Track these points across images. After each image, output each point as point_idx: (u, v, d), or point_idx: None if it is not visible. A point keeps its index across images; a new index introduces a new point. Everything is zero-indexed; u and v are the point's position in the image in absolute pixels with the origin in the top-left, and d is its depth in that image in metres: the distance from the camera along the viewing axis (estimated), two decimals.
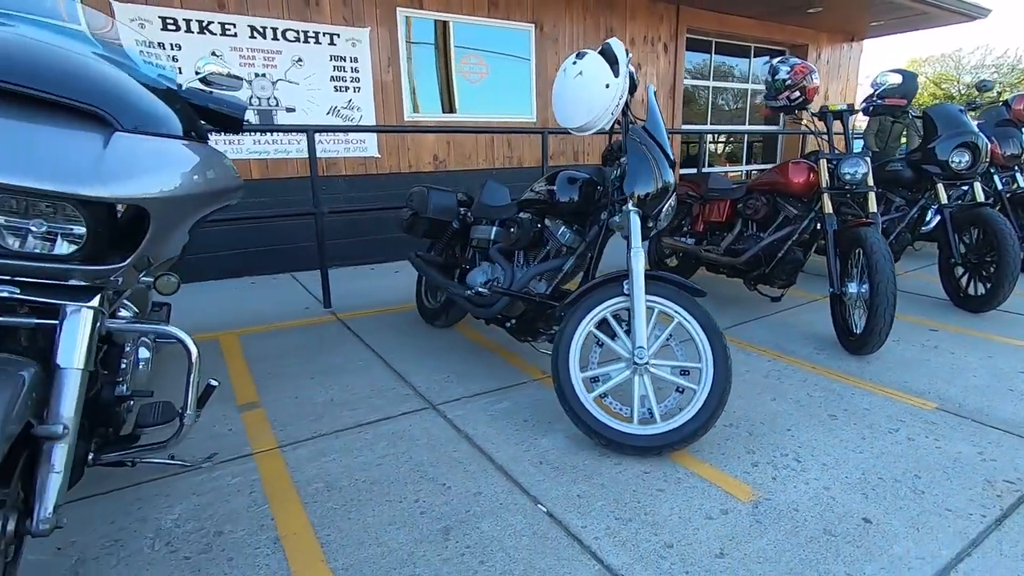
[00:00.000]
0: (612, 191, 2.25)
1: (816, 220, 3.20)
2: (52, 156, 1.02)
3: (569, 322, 2.10)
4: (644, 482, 1.80)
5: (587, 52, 2.09)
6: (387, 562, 1.45)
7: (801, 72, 3.13)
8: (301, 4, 4.57)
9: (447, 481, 1.80)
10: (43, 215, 1.08)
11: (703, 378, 1.98)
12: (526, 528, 1.58)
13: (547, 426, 2.16)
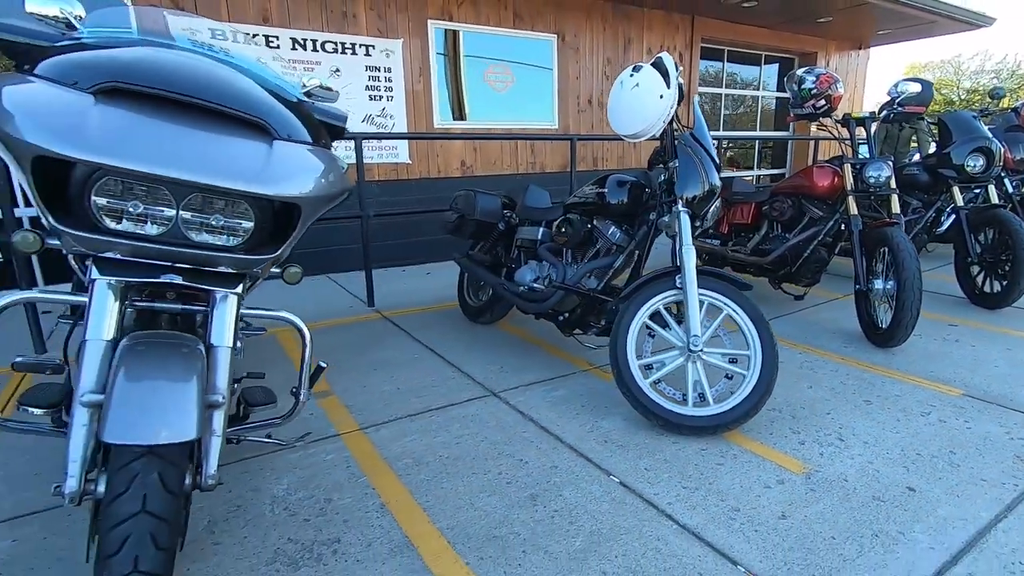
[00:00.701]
0: (660, 193, 2.43)
1: (840, 221, 3.38)
2: (236, 160, 1.21)
3: (625, 314, 2.28)
4: (703, 458, 1.97)
5: (642, 66, 2.28)
6: (486, 523, 1.62)
7: (826, 82, 3.32)
8: (339, 17, 4.77)
9: (523, 457, 1.98)
10: (220, 211, 1.26)
11: (752, 364, 2.15)
12: (604, 495, 1.75)
13: (605, 410, 2.34)
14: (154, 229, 1.20)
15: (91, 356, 1.25)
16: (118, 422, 1.00)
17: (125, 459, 1.03)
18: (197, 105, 1.22)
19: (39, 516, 1.66)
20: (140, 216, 1.19)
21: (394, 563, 1.46)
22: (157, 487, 1.04)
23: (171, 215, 1.20)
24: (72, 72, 1.17)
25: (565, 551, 1.50)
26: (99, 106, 1.12)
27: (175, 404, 1.07)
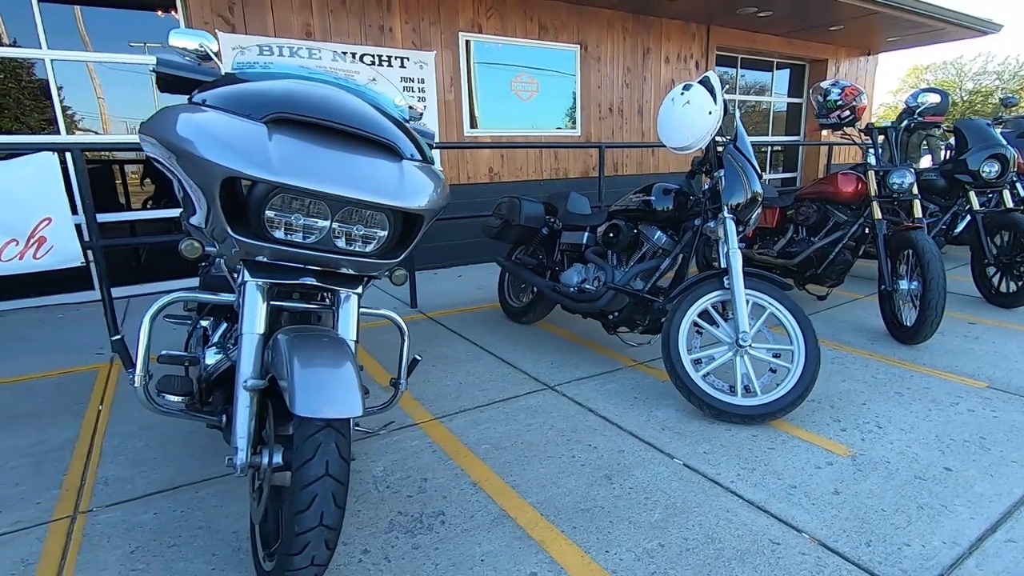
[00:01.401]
0: (705, 201, 2.62)
1: (865, 225, 3.57)
2: (381, 179, 1.40)
3: (676, 312, 2.48)
4: (756, 443, 2.16)
5: (692, 84, 2.48)
6: (572, 498, 1.81)
7: (851, 94, 3.52)
8: (376, 31, 4.99)
9: (591, 443, 2.17)
10: (361, 222, 1.45)
11: (796, 358, 2.35)
12: (671, 475, 1.94)
13: (656, 402, 2.53)
14: (309, 237, 1.40)
15: (247, 347, 1.45)
16: (304, 400, 1.20)
17: (310, 431, 1.22)
18: (339, 130, 1.41)
19: (169, 493, 1.86)
20: (300, 227, 1.38)
21: (497, 531, 1.66)
22: (336, 454, 1.23)
23: (324, 226, 1.40)
24: (243, 104, 1.37)
25: (647, 521, 1.69)
26: (272, 134, 1.32)
27: (344, 385, 1.26)
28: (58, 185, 2.91)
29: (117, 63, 4.34)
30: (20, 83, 4.09)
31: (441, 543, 1.61)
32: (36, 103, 4.16)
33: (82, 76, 4.28)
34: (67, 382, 2.81)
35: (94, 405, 2.55)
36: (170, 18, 4.46)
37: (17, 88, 4.10)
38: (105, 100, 4.37)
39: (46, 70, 4.05)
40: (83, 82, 4.28)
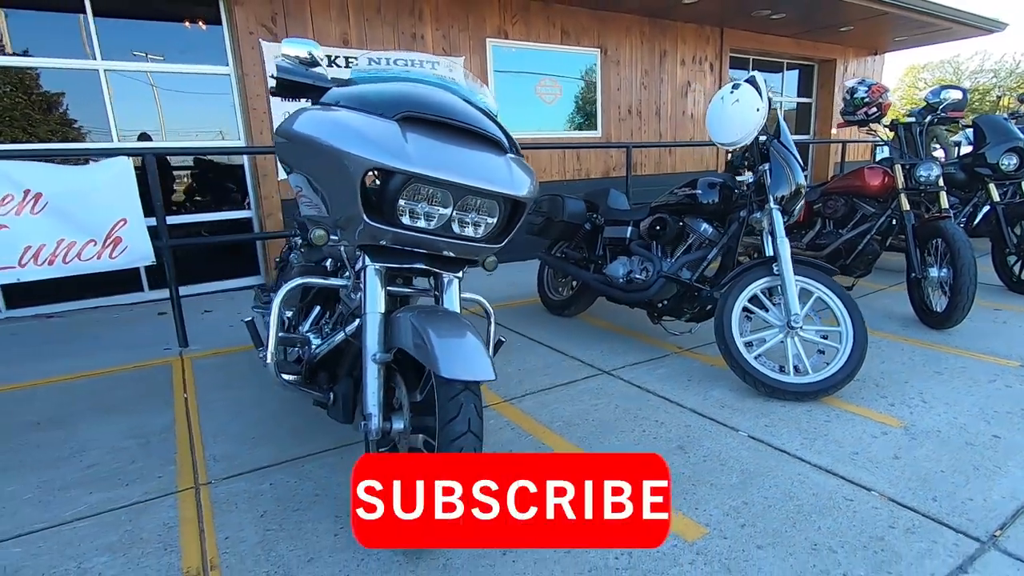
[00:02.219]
0: (750, 193, 2.78)
1: (892, 217, 3.73)
2: (496, 170, 1.56)
3: (728, 298, 2.63)
4: (812, 416, 2.30)
5: (740, 84, 2.64)
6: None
7: (877, 92, 3.68)
8: (409, 38, 5.16)
9: (658, 419, 2.32)
10: (476, 210, 1.60)
11: (844, 339, 2.50)
12: (739, 445, 2.09)
13: (709, 383, 2.67)
14: (431, 223, 1.55)
15: (372, 325, 1.60)
16: (447, 365, 1.34)
17: (453, 392, 1.37)
18: (456, 127, 1.57)
19: (278, 467, 2.00)
20: (423, 214, 1.53)
21: None
22: (474, 413, 1.38)
23: (445, 213, 1.55)
24: (375, 104, 1.53)
25: (726, 483, 1.84)
26: (405, 131, 1.47)
27: (477, 353, 1.41)
28: (133, 188, 3.07)
29: (168, 72, 4.51)
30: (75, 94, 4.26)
31: None
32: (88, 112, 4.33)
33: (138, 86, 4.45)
34: (145, 375, 2.96)
35: (178, 394, 2.69)
36: (194, 28, 4.64)
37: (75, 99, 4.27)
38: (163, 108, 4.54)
39: (100, 80, 4.22)
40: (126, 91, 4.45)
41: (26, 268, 2.89)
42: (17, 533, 1.67)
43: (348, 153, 1.44)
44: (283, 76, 1.74)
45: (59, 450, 2.16)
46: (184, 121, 4.70)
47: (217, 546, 1.59)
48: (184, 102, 4.68)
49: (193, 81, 4.65)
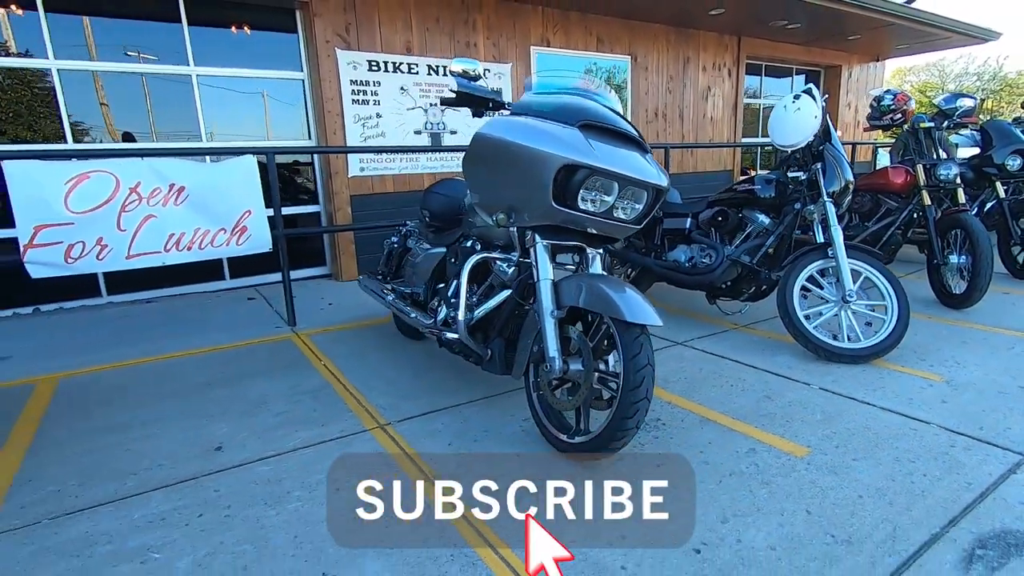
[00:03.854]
0: (804, 188, 3.22)
1: (914, 210, 4.20)
2: (650, 167, 1.98)
3: (789, 278, 3.07)
4: (867, 374, 2.75)
5: (800, 95, 3.08)
6: (748, 409, 2.39)
7: (902, 100, 4.16)
8: (463, 46, 5.57)
9: (740, 377, 2.76)
10: (630, 198, 2.02)
11: (890, 311, 2.95)
12: (814, 395, 2.53)
13: (772, 352, 3.12)
14: (598, 208, 1.97)
15: (546, 289, 2.01)
16: (630, 312, 1.77)
17: (635, 335, 1.79)
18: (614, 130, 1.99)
19: (439, 412, 2.42)
20: (594, 200, 1.95)
21: (707, 428, 2.24)
22: (650, 351, 1.81)
23: (609, 200, 1.97)
24: (559, 113, 1.95)
25: (813, 420, 2.28)
26: (585, 135, 1.89)
27: (647, 305, 1.83)
28: (257, 184, 3.46)
29: (247, 77, 4.88)
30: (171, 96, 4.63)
31: (671, 435, 2.19)
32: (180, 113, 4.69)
33: (218, 90, 4.81)
34: (271, 348, 3.35)
35: (315, 362, 3.09)
36: (273, 36, 5.01)
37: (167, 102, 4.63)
38: (240, 110, 4.92)
39: (192, 84, 4.59)
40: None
41: (169, 253, 3.27)
42: (259, 457, 2.07)
43: (548, 152, 1.86)
44: (462, 89, 2.16)
45: (243, 403, 2.56)
46: (258, 122, 5.07)
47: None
48: (258, 104, 5.05)
49: (267, 85, 5.02)
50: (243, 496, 1.83)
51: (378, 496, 1.62)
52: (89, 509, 1.77)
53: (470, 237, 2.62)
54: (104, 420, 2.41)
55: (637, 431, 1.85)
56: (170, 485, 1.90)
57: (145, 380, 2.87)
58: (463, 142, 5.66)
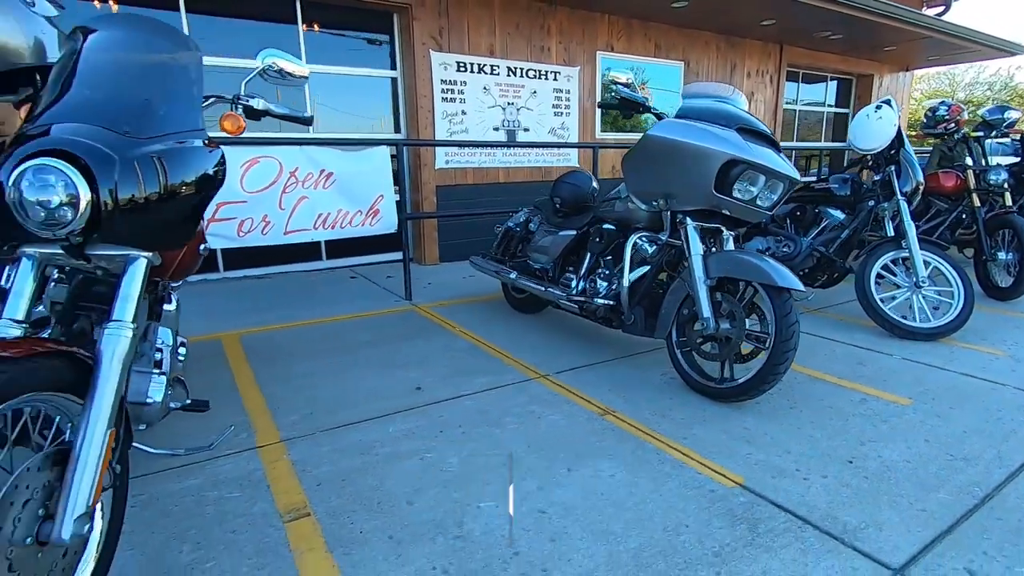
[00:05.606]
0: (878, 188, 3.66)
1: (963, 212, 4.63)
2: (784, 162, 2.41)
3: (866, 266, 3.51)
4: (938, 351, 3.19)
5: (882, 104, 3.51)
6: (846, 374, 2.83)
7: (956, 111, 4.59)
8: (538, 50, 6.00)
9: (830, 349, 3.19)
10: (769, 188, 2.45)
11: (956, 296, 3.38)
12: (900, 364, 2.97)
13: (848, 331, 3.55)
14: (745, 196, 2.40)
15: (698, 263, 2.45)
16: (781, 279, 2.20)
17: (785, 297, 2.23)
18: (758, 131, 2.42)
19: (584, 368, 2.85)
20: (744, 189, 2.39)
21: (816, 385, 2.67)
22: (796, 309, 2.24)
23: (754, 189, 2.40)
24: (717, 118, 2.38)
25: (904, 381, 2.72)
26: (741, 136, 2.32)
27: (791, 274, 2.26)
28: (389, 171, 3.90)
29: (347, 75, 5.31)
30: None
31: (791, 388, 2.62)
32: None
33: (319, 87, 5.25)
34: (401, 317, 3.79)
35: (448, 327, 3.53)
36: (371, 38, 5.45)
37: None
38: (338, 105, 5.35)
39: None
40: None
41: (318, 231, 3.71)
42: (455, 395, 2.51)
43: (715, 149, 2.29)
44: (624, 96, 2.60)
45: (413, 356, 3.00)
46: (355, 116, 5.51)
47: (602, 401, 2.44)
48: (354, 99, 5.49)
49: (362, 82, 5.45)
50: (466, 420, 2.27)
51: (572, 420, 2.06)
52: (346, 426, 2.22)
53: (605, 220, 3.06)
54: (300, 367, 2.86)
55: (783, 376, 2.29)
56: (399, 412, 2.34)
57: (312, 338, 3.32)
58: (535, 139, 6.11)
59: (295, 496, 1.75)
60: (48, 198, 1.11)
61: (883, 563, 1.46)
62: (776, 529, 1.60)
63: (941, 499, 1.75)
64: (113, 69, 1.33)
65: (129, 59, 1.36)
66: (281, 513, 1.66)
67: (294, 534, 1.57)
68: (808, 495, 1.77)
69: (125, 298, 1.24)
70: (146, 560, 1.46)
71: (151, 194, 1.24)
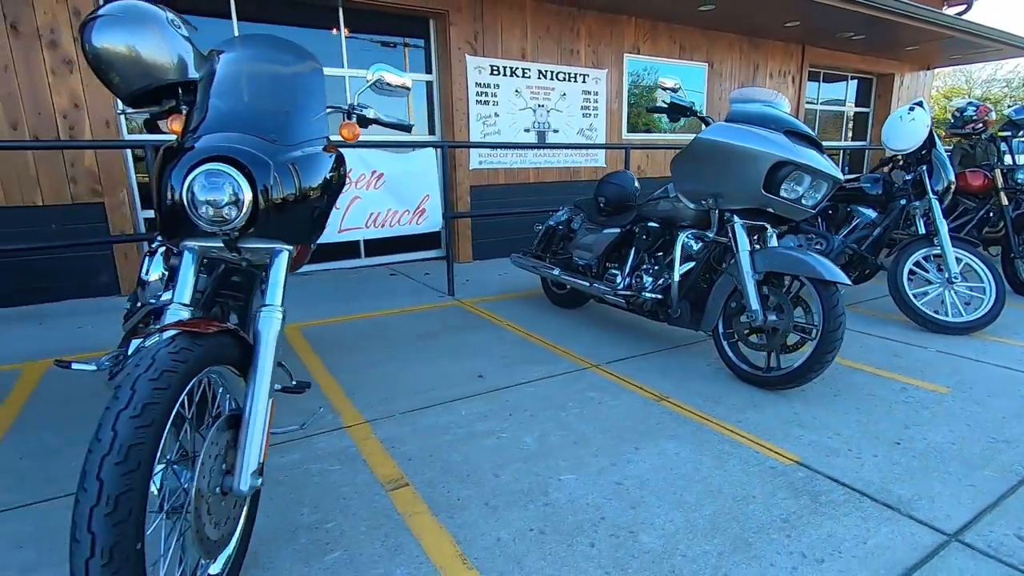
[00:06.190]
0: (910, 187, 3.77)
1: (990, 210, 4.72)
2: (827, 162, 2.55)
3: (898, 263, 3.63)
4: (971, 344, 3.30)
5: (915, 107, 3.63)
6: (883, 363, 2.96)
7: (984, 111, 4.68)
8: (568, 53, 6.15)
9: (866, 342, 3.32)
10: (813, 188, 2.58)
11: (987, 292, 3.49)
12: (935, 356, 3.09)
13: (881, 326, 3.67)
14: (791, 195, 2.54)
15: (745, 258, 2.59)
16: (827, 273, 2.34)
17: (832, 290, 2.37)
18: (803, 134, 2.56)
19: (639, 358, 3.01)
20: (790, 189, 2.53)
21: (856, 374, 2.80)
22: (843, 301, 2.38)
23: (799, 189, 2.54)
24: (765, 122, 2.52)
25: (941, 371, 2.84)
26: (790, 139, 2.46)
27: (837, 268, 2.40)
28: (435, 172, 4.07)
29: None
30: None
31: (833, 378, 2.76)
32: None
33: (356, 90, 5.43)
34: (447, 312, 3.96)
35: (495, 321, 3.70)
36: (409, 43, 5.63)
37: None
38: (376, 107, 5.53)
39: (345, 86, 5.22)
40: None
41: (368, 229, 3.89)
42: (516, 383, 2.67)
43: (765, 152, 2.44)
44: (674, 101, 2.75)
45: (464, 348, 3.17)
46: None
47: (656, 388, 2.59)
48: (390, 102, 5.66)
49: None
50: (532, 405, 2.43)
51: (630, 405, 2.21)
52: (421, 409, 2.39)
53: (650, 219, 3.21)
54: (364, 357, 3.04)
55: (830, 365, 2.43)
56: (467, 397, 2.51)
57: (368, 331, 3.50)
58: (564, 139, 6.26)
59: (391, 469, 1.92)
60: (217, 198, 1.29)
61: (939, 529, 1.61)
62: (836, 500, 1.75)
63: (987, 476, 1.88)
64: (254, 84, 1.50)
65: (266, 74, 1.54)
66: (382, 483, 1.83)
67: (398, 500, 1.74)
68: (862, 471, 1.91)
69: (274, 285, 1.42)
70: (274, 520, 1.64)
71: (292, 194, 1.41)
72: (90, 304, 4.13)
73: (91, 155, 4.12)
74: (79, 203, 4.13)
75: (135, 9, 1.53)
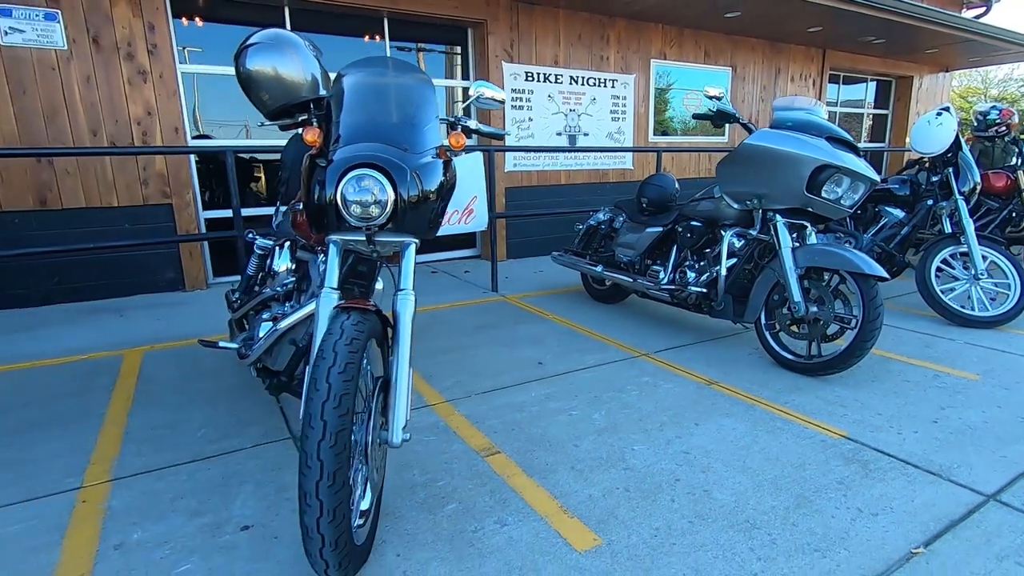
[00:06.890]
0: (936, 188, 3.96)
1: (1013, 210, 4.88)
2: (865, 164, 2.76)
3: (926, 260, 3.82)
4: (997, 337, 3.49)
5: (942, 112, 3.82)
6: (915, 353, 3.15)
7: (1007, 115, 4.85)
8: (598, 59, 6.38)
9: (897, 336, 3.51)
10: (851, 189, 2.79)
11: (1013, 288, 3.67)
12: (963, 347, 3.28)
13: (911, 320, 3.86)
14: (831, 196, 2.75)
15: (787, 255, 2.81)
16: (868, 268, 2.55)
17: (872, 283, 2.58)
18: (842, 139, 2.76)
19: (676, 350, 3.23)
20: (831, 190, 2.73)
21: (890, 363, 3.01)
22: (881, 294, 2.59)
23: (839, 191, 2.75)
24: (807, 128, 2.74)
25: (970, 360, 3.03)
26: (831, 144, 2.68)
27: (875, 262, 2.61)
28: (482, 174, 4.31)
29: None
30: None
31: (868, 366, 2.96)
32: None
33: None
34: (493, 306, 4.20)
35: (541, 314, 3.93)
36: (451, 51, 5.88)
37: None
38: None
39: None
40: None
41: None
42: (573, 369, 2.90)
43: (808, 156, 2.65)
44: (722, 108, 2.97)
45: (523, 338, 3.40)
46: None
47: (705, 374, 2.81)
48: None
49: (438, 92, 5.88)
50: (593, 387, 2.66)
51: (684, 388, 2.43)
52: (493, 391, 2.63)
53: (692, 218, 3.43)
54: (430, 345, 3.28)
55: (868, 353, 2.64)
56: (532, 381, 2.75)
57: (427, 322, 3.74)
58: (593, 143, 6.49)
59: (480, 440, 2.16)
60: (365, 199, 1.53)
61: (978, 491, 1.82)
62: (884, 467, 1.96)
63: (1019, 449, 2.09)
64: (383, 100, 1.75)
65: (391, 90, 1.78)
66: (476, 451, 2.07)
67: (495, 464, 1.98)
68: (904, 444, 2.12)
69: (407, 272, 1.66)
70: (391, 479, 1.88)
71: (419, 195, 1.65)
72: (161, 298, 4.42)
73: (161, 159, 4.41)
74: (149, 204, 4.42)
75: (280, 37, 1.78)
